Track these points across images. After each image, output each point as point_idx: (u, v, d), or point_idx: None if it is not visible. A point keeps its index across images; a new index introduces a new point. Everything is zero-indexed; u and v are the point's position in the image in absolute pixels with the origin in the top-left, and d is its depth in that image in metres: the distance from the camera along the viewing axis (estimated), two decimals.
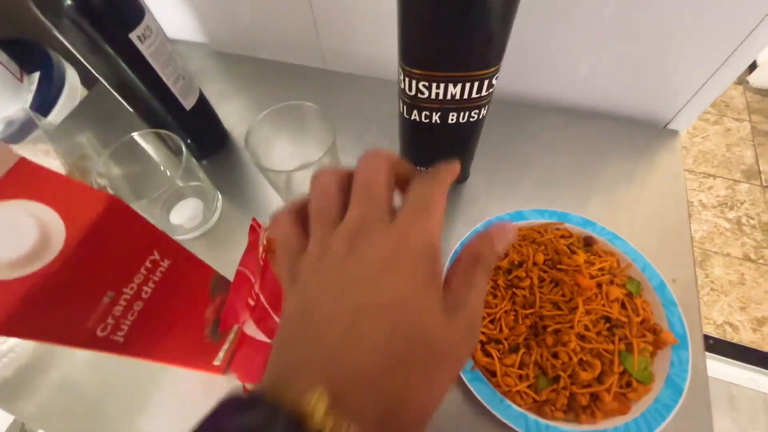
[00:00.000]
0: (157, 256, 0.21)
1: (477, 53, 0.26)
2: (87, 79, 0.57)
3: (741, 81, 1.46)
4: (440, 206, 0.16)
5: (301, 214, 0.18)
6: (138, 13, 0.31)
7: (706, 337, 0.99)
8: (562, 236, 0.35)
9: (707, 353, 0.96)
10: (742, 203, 1.18)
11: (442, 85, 0.28)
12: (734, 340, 0.98)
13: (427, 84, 0.28)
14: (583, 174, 0.42)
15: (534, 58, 0.43)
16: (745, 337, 0.98)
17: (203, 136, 0.44)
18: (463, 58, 0.26)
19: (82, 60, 0.32)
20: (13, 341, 0.36)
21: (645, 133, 0.44)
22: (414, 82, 0.28)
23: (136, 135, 0.36)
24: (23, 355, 0.35)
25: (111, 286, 0.19)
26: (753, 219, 1.15)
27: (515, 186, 0.41)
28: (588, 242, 0.35)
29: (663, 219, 0.38)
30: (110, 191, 0.38)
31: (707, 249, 1.12)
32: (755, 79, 1.43)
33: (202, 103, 0.42)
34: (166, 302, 0.22)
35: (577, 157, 0.43)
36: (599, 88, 0.44)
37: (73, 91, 0.54)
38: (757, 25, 0.34)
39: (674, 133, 0.43)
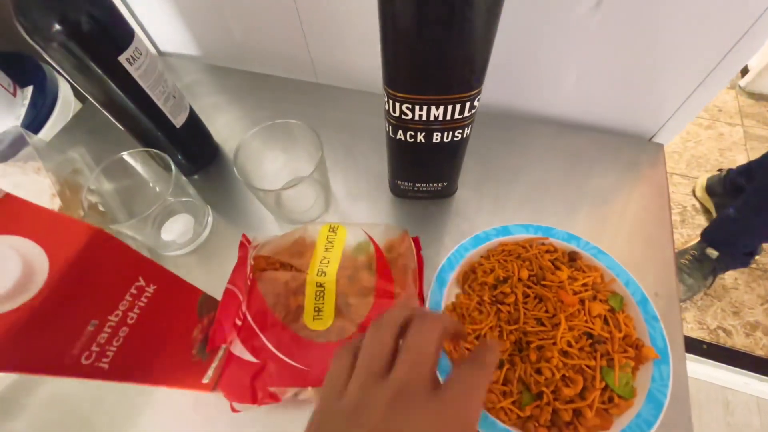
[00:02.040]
0: (142, 282, 0.21)
1: (458, 78, 0.26)
2: (80, 93, 0.57)
3: (733, 86, 1.48)
4: (483, 394, 0.18)
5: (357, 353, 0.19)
6: (127, 37, 0.32)
7: (701, 342, 1.00)
8: (547, 251, 0.36)
9: (702, 358, 0.98)
10: None
11: (425, 108, 0.29)
12: (727, 345, 0.99)
13: (410, 106, 0.29)
14: (570, 186, 0.42)
15: (521, 71, 0.44)
16: (738, 342, 0.99)
17: (194, 151, 0.45)
18: (445, 82, 0.27)
19: (71, 82, 0.33)
20: None
21: (631, 146, 0.45)
22: (398, 105, 0.29)
23: (125, 154, 0.36)
24: None
25: (95, 315, 0.19)
26: None
27: (502, 199, 0.42)
28: (572, 257, 0.35)
29: (647, 232, 0.38)
30: (101, 208, 0.38)
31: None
32: (747, 83, 1.44)
33: (193, 119, 0.43)
34: (153, 326, 0.23)
35: (563, 169, 0.44)
36: (586, 101, 0.45)
37: (66, 104, 0.54)
38: (735, 44, 0.35)
39: (659, 147, 0.44)
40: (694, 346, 0.99)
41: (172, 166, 0.37)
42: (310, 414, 0.19)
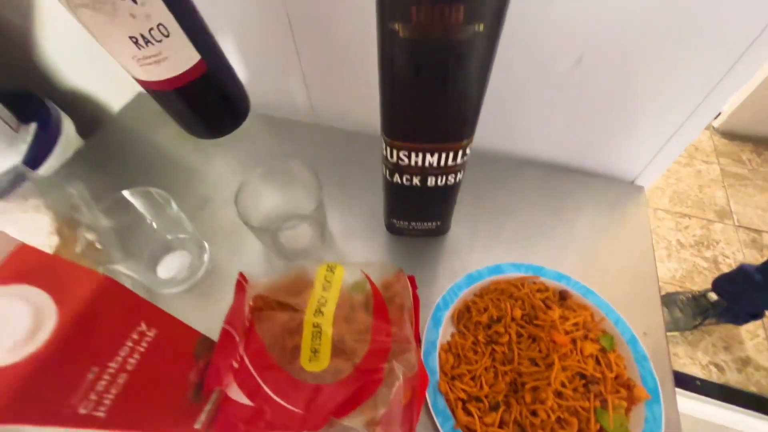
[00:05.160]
0: (144, 327, 0.22)
1: (451, 129, 0.28)
2: (82, 129, 0.59)
3: (707, 126, 1.56)
4: None
5: None
6: None
7: (694, 378, 0.99)
8: (539, 290, 0.36)
9: (697, 395, 0.97)
10: (717, 242, 1.23)
11: (420, 154, 0.30)
12: (720, 381, 0.98)
13: (407, 153, 0.30)
14: (559, 226, 0.44)
15: (511, 117, 0.46)
16: (731, 378, 0.99)
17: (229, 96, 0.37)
18: (439, 133, 0.29)
19: None
20: None
21: (615, 187, 0.47)
22: (395, 152, 0.31)
23: (126, 193, 0.37)
24: None
25: (96, 362, 0.19)
26: (729, 258, 1.19)
27: (495, 238, 0.43)
28: (563, 296, 0.36)
29: (633, 271, 0.40)
30: (98, 246, 0.39)
31: (688, 288, 1.14)
32: (720, 124, 1.53)
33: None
34: (151, 371, 0.23)
35: (552, 209, 0.45)
36: (572, 146, 0.47)
37: (68, 141, 0.55)
38: (707, 95, 0.38)
39: (640, 189, 0.46)
40: (687, 382, 0.98)
41: (172, 203, 0.38)
42: None
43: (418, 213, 0.39)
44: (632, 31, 0.35)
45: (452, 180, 0.34)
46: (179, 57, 0.28)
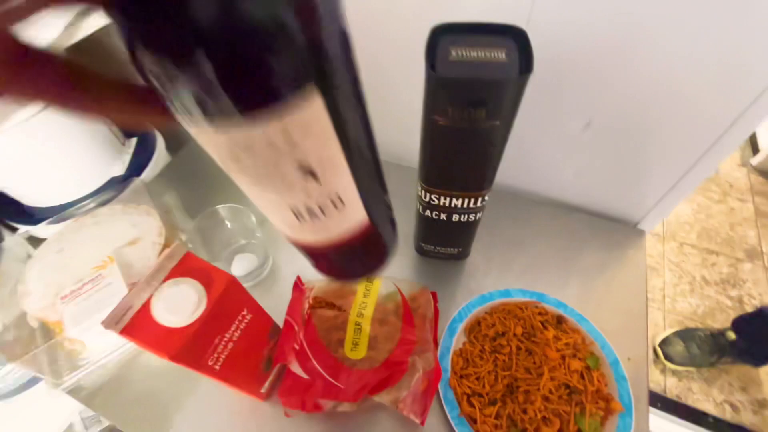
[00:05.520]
0: (245, 312, 0.31)
1: (474, 182, 0.37)
2: (170, 146, 0.71)
3: (744, 163, 1.54)
4: None
5: None
6: None
7: (706, 415, 1.00)
8: (539, 313, 0.44)
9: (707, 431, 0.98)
10: (744, 282, 1.22)
11: (448, 198, 0.39)
12: (735, 421, 0.99)
13: (437, 196, 0.39)
14: (564, 260, 0.51)
15: (529, 163, 0.54)
16: (746, 419, 0.99)
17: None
18: (464, 185, 0.37)
19: None
20: (106, 356, 0.45)
21: (618, 230, 0.53)
22: (428, 194, 0.39)
23: (219, 207, 0.48)
24: (113, 367, 0.44)
25: (219, 333, 0.29)
26: (755, 299, 1.18)
27: (507, 266, 0.51)
28: (559, 320, 0.43)
29: (625, 306, 0.46)
30: (189, 246, 0.49)
31: (710, 325, 1.15)
32: (759, 162, 1.51)
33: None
34: (244, 344, 0.32)
35: (560, 245, 0.52)
36: (582, 190, 0.54)
37: (161, 156, 0.67)
38: (703, 155, 0.44)
39: (642, 233, 0.53)
40: (699, 419, 0.99)
41: (252, 216, 0.48)
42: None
43: (443, 240, 0.48)
44: (635, 103, 0.42)
45: (473, 218, 0.42)
46: (343, 224, 0.19)
